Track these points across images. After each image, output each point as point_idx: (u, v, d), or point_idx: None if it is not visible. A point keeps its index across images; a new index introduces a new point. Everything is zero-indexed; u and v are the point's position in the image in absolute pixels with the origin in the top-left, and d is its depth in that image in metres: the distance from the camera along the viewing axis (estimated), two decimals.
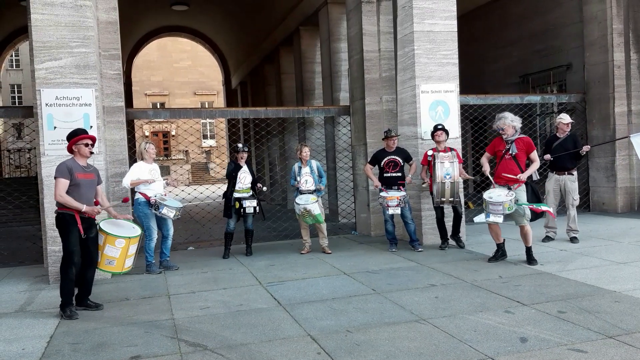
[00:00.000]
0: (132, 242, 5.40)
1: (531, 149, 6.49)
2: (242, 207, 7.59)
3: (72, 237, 5.04)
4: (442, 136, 7.36)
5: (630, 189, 10.41)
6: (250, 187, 7.73)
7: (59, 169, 5.05)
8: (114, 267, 5.38)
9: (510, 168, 6.40)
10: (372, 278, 6.11)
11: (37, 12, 6.39)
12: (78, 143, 5.16)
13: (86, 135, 5.26)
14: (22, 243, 9.11)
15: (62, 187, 4.98)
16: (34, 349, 4.24)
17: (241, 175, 7.68)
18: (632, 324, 4.19)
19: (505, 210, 6.19)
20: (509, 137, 6.43)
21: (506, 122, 6.41)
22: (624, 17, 10.24)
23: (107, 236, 5.28)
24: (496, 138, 6.68)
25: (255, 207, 7.64)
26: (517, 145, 6.44)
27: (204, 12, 20.00)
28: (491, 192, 6.40)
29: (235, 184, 7.62)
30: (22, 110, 8.55)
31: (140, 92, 40.10)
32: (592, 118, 10.67)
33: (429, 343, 3.98)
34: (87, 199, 5.16)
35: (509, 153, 6.44)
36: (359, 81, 9.46)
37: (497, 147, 6.59)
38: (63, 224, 5.08)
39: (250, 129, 19.28)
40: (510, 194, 6.23)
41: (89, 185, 5.21)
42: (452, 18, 8.01)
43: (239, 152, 7.77)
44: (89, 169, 5.27)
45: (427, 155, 7.42)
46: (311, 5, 13.02)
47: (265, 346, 4.07)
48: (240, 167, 7.72)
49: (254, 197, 7.71)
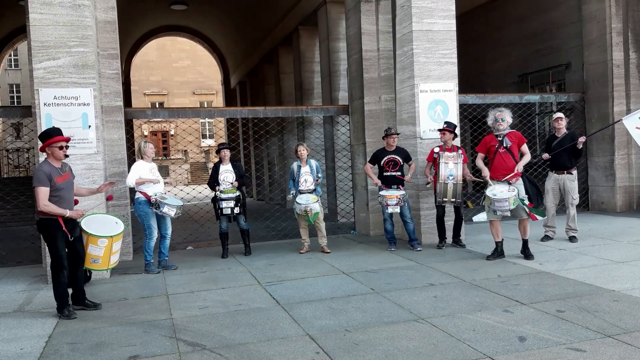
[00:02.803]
0: (115, 240, 5.39)
1: (522, 142, 6.62)
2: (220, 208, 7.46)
3: (58, 241, 4.98)
4: (446, 136, 7.38)
5: (629, 188, 10.41)
6: (236, 187, 7.57)
7: (38, 177, 4.87)
8: (99, 265, 5.39)
9: (507, 161, 6.48)
10: (371, 277, 6.11)
11: (35, 12, 6.38)
12: (52, 145, 4.98)
13: (61, 137, 5.06)
14: (20, 243, 9.10)
15: (44, 196, 4.85)
16: (32, 349, 4.24)
17: (222, 175, 7.57)
18: (631, 323, 4.19)
19: (510, 205, 6.28)
20: (501, 131, 6.53)
21: (506, 114, 6.53)
22: (622, 16, 10.24)
23: (89, 237, 5.26)
24: (486, 136, 6.79)
25: (232, 208, 7.46)
26: (509, 138, 6.55)
27: (203, 12, 19.98)
28: (493, 189, 6.42)
29: (218, 185, 7.53)
30: (20, 110, 8.54)
31: (139, 91, 40.09)
32: (591, 117, 10.67)
33: (427, 342, 3.98)
34: (69, 200, 5.11)
35: (503, 146, 6.52)
36: (358, 80, 9.46)
37: (489, 143, 6.67)
38: (47, 230, 5.00)
39: (249, 129, 19.27)
40: (512, 189, 6.34)
41: (68, 187, 5.13)
42: (451, 17, 8.01)
43: (218, 151, 7.72)
44: (64, 169, 5.14)
45: (434, 152, 7.44)
46: (310, 4, 13.02)
47: (264, 346, 4.07)
48: (220, 169, 7.59)
49: (234, 198, 7.47)
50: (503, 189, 6.37)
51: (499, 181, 6.48)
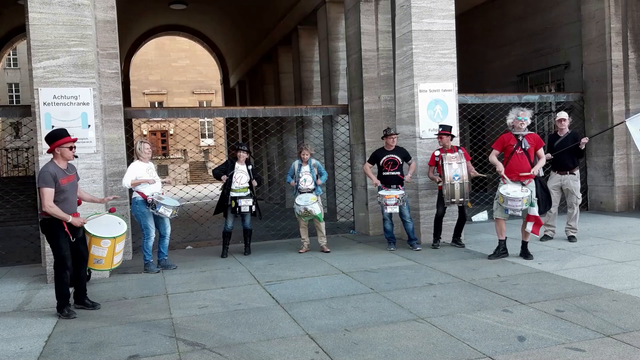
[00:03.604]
0: (118, 241, 5.42)
1: (540, 145, 6.61)
2: (237, 206, 7.56)
3: (62, 241, 4.99)
4: (444, 139, 7.38)
5: (628, 188, 10.42)
6: (247, 187, 7.68)
7: (44, 177, 4.90)
8: (102, 266, 5.44)
9: (523, 163, 6.47)
10: (371, 277, 6.11)
11: (35, 11, 6.38)
12: (62, 146, 5.02)
13: (70, 138, 5.10)
14: (20, 242, 9.09)
15: (49, 197, 4.87)
16: (32, 348, 4.24)
17: (237, 174, 7.63)
18: (630, 322, 4.20)
19: (523, 205, 6.28)
20: (522, 131, 6.49)
21: (528, 114, 6.49)
22: (622, 16, 10.25)
23: (92, 238, 5.28)
24: (505, 134, 6.70)
25: (252, 206, 7.60)
26: (528, 140, 6.52)
27: (203, 11, 19.97)
28: (506, 187, 6.41)
29: (231, 183, 7.60)
30: (19, 109, 8.53)
31: (139, 91, 40.09)
32: (590, 117, 10.68)
33: (427, 342, 3.98)
34: (72, 202, 5.14)
35: (521, 148, 6.48)
36: (357, 80, 9.46)
37: (507, 142, 6.59)
38: (50, 230, 5.02)
39: (249, 128, 19.27)
40: (526, 190, 6.34)
41: (72, 189, 5.15)
42: (450, 17, 8.01)
43: (237, 150, 7.74)
44: (70, 171, 5.17)
45: (435, 156, 7.43)
46: (309, 4, 13.01)
47: (264, 345, 4.07)
48: (236, 166, 7.64)
49: (250, 196, 7.66)
50: (516, 189, 6.36)
51: (513, 181, 6.47)
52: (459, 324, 4.35)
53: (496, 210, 6.60)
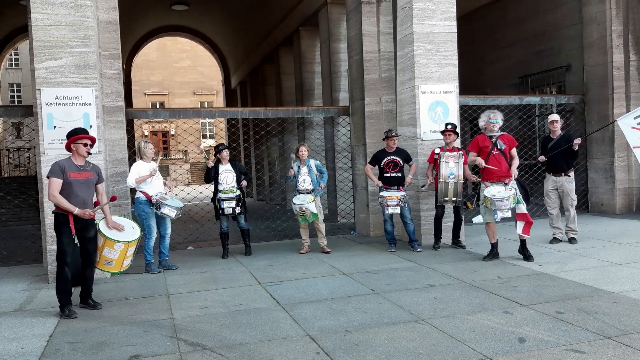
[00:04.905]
0: (131, 245, 5.43)
1: (513, 145, 6.74)
2: (221, 208, 7.50)
3: (65, 237, 5.04)
4: (451, 137, 7.41)
5: (629, 190, 10.43)
6: (236, 187, 7.61)
7: (52, 168, 5.06)
8: (112, 267, 5.44)
9: (500, 163, 6.58)
10: (371, 278, 6.12)
11: (37, 12, 6.40)
12: (77, 142, 5.14)
13: (86, 135, 5.22)
14: (21, 242, 9.12)
15: (54, 187, 4.98)
16: (33, 348, 4.25)
17: (222, 175, 7.60)
18: (630, 324, 4.20)
19: (510, 204, 6.36)
20: (495, 132, 6.63)
21: (499, 116, 6.62)
22: (623, 18, 10.26)
23: (106, 239, 5.30)
24: (478, 136, 6.85)
25: (234, 208, 7.50)
26: (502, 140, 6.65)
27: (204, 12, 19.99)
28: (490, 189, 6.48)
29: (219, 185, 7.57)
30: (21, 110, 8.55)
31: (140, 91, 40.09)
32: (591, 119, 10.68)
33: (427, 343, 3.99)
34: (82, 198, 5.11)
35: (497, 148, 6.60)
36: (358, 82, 9.48)
37: (482, 143, 6.72)
38: (56, 224, 5.10)
39: (250, 129, 19.28)
40: (510, 188, 6.43)
41: (83, 185, 5.14)
42: (451, 19, 8.03)
43: (219, 152, 7.75)
44: (86, 167, 5.21)
45: (434, 153, 7.49)
46: (311, 5, 13.03)
47: (265, 346, 4.08)
48: (220, 169, 7.61)
49: (235, 198, 7.52)
50: (500, 189, 6.45)
51: (494, 182, 6.54)
52: (459, 325, 4.35)
53: (485, 215, 6.68)
